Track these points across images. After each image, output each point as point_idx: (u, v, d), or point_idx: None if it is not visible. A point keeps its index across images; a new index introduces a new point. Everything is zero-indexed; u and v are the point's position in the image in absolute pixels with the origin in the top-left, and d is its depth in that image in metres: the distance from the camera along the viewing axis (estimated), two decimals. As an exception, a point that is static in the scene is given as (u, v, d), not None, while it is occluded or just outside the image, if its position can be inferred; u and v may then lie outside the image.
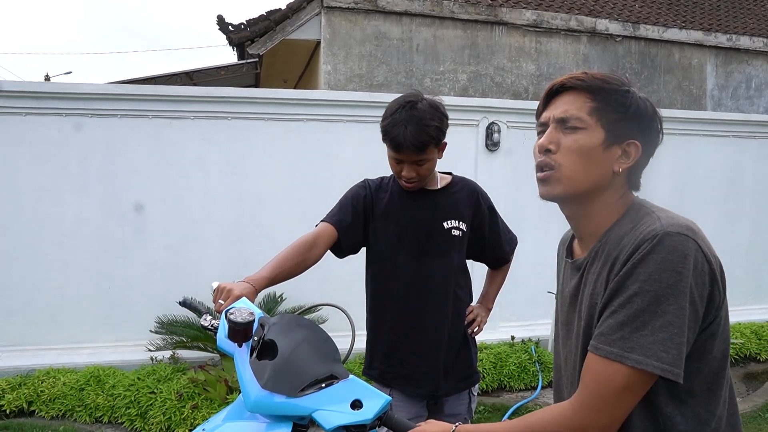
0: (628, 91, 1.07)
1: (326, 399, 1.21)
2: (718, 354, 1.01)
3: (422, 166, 1.80)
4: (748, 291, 5.27)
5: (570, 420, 0.99)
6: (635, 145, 1.07)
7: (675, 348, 0.92)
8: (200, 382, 3.44)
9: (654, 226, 0.98)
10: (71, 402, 3.47)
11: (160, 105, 3.99)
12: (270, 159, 4.18)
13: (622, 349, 0.94)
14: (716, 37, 8.38)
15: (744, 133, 5.20)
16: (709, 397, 1.02)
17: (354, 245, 1.92)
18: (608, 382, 0.95)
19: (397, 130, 1.73)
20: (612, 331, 0.96)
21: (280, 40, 6.96)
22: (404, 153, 1.75)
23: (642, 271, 0.95)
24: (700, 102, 8.41)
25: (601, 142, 1.06)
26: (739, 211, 5.24)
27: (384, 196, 1.93)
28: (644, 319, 0.93)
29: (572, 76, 1.09)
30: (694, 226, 1.00)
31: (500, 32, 7.56)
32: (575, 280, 1.14)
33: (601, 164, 1.06)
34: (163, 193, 4.04)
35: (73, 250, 3.94)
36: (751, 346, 4.58)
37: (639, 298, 0.94)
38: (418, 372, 1.88)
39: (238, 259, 4.09)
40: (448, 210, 1.90)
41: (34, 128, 3.85)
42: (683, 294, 0.93)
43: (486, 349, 4.21)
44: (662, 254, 0.94)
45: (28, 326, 3.91)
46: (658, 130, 1.10)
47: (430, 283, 1.87)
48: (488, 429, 1.09)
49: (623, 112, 1.06)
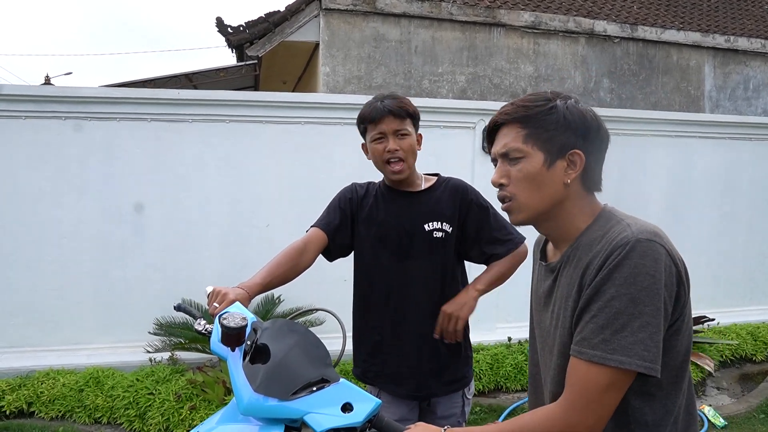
0: (553, 107, 1.12)
1: (317, 402, 1.23)
2: (681, 349, 1.08)
3: (404, 140, 1.84)
4: (744, 292, 5.30)
5: (560, 421, 1.03)
6: (577, 153, 1.12)
7: (654, 346, 0.99)
8: (198, 384, 3.47)
9: (625, 233, 1.04)
10: (70, 403, 3.50)
11: (159, 108, 4.02)
12: (268, 161, 4.21)
13: (604, 351, 1.00)
14: (714, 38, 8.41)
15: (740, 135, 5.22)
16: (674, 389, 1.09)
17: (343, 247, 1.96)
18: (594, 383, 1.01)
19: (373, 105, 1.85)
20: (594, 335, 1.01)
21: (278, 42, 6.99)
22: (384, 121, 1.81)
23: (618, 276, 1.00)
24: (698, 103, 8.43)
25: (542, 163, 1.12)
26: (735, 213, 5.26)
27: (369, 199, 1.96)
28: (623, 321, 0.99)
29: (501, 112, 1.18)
30: (661, 232, 1.06)
31: (498, 34, 7.59)
32: (549, 282, 1.20)
33: (550, 183, 1.13)
34: (161, 195, 4.07)
35: (73, 252, 3.97)
36: (747, 347, 4.59)
37: (617, 301, 1.00)
38: (400, 372, 1.90)
39: (237, 261, 4.12)
40: (430, 212, 1.90)
41: (34, 131, 3.87)
42: (657, 295, 0.99)
43: (482, 350, 4.23)
44: (635, 259, 1.00)
45: (27, 328, 3.94)
46: (598, 128, 1.14)
47: (412, 285, 1.89)
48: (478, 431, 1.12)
49: (554, 129, 1.12)
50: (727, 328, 4.87)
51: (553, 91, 1.17)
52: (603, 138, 1.15)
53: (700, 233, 5.15)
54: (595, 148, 1.14)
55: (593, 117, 1.14)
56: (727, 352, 4.50)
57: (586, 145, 1.12)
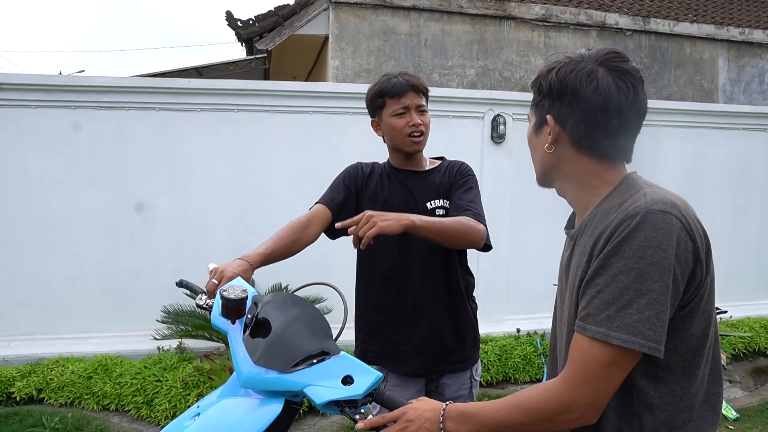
0: (550, 70, 1.10)
1: (317, 375, 1.22)
2: (697, 332, 1.02)
3: (425, 116, 1.88)
4: (758, 285, 5.22)
5: (558, 397, 1.00)
6: (548, 118, 1.10)
7: (660, 325, 0.94)
8: (205, 371, 3.47)
9: (638, 203, 0.98)
10: (79, 390, 3.53)
11: (168, 97, 4.03)
12: (276, 151, 4.21)
13: (608, 328, 0.95)
14: (728, 30, 8.28)
15: (754, 126, 5.14)
16: (685, 374, 1.03)
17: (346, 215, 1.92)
18: (595, 360, 0.96)
19: (393, 80, 1.86)
20: (598, 310, 0.97)
21: (288, 35, 6.99)
22: (408, 96, 1.84)
23: (627, 249, 0.95)
24: (711, 96, 8.32)
25: (532, 129, 1.17)
26: (749, 204, 5.18)
27: (374, 178, 1.97)
28: (629, 297, 0.94)
29: None
30: (681, 203, 1.00)
31: (509, 27, 7.54)
32: (569, 251, 1.17)
33: (538, 147, 1.16)
34: (170, 184, 4.08)
35: (82, 241, 3.99)
36: (761, 341, 4.53)
37: (624, 276, 0.95)
38: (401, 351, 1.89)
39: (245, 250, 4.07)
40: (432, 190, 1.91)
41: (44, 121, 3.90)
42: (668, 271, 0.93)
43: (491, 342, 4.20)
44: (646, 231, 0.94)
45: (38, 316, 3.97)
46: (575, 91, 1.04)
47: (415, 264, 1.88)
48: (478, 407, 1.09)
49: (537, 95, 1.14)
50: (740, 321, 4.80)
51: (579, 53, 1.10)
52: (583, 99, 1.04)
53: (713, 225, 5.07)
54: (572, 110, 1.05)
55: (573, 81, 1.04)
56: (740, 345, 4.44)
57: (561, 109, 1.07)
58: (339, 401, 1.20)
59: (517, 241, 4.51)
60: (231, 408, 1.31)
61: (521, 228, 4.54)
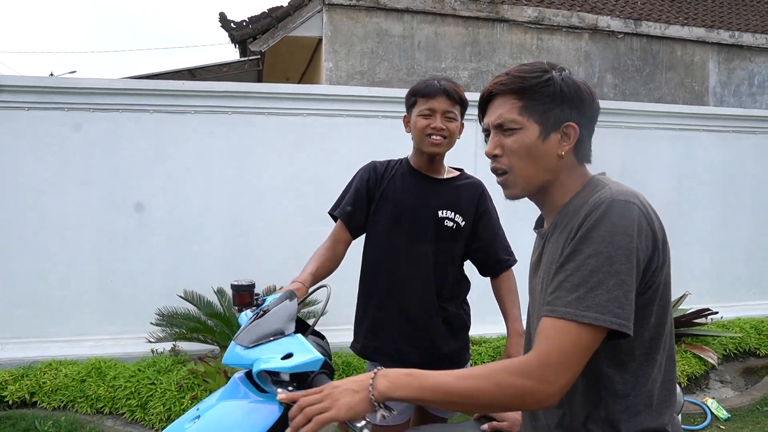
0: (550, 79, 1.12)
1: (267, 350, 1.31)
2: (655, 320, 1.06)
3: (451, 122, 1.88)
4: (748, 286, 5.27)
5: (535, 375, 0.98)
6: (571, 126, 1.12)
7: (628, 304, 0.98)
8: (200, 374, 3.47)
9: (603, 195, 1.05)
10: (73, 393, 3.51)
11: (161, 99, 4.02)
12: (270, 153, 4.21)
13: (577, 308, 0.98)
14: (718, 33, 8.37)
15: (744, 129, 5.19)
16: (647, 360, 1.07)
17: (361, 228, 2.03)
18: (568, 341, 0.97)
19: (430, 82, 1.88)
20: (567, 293, 1.00)
21: (281, 37, 6.99)
22: (437, 99, 1.84)
23: (595, 235, 1.00)
24: (702, 99, 8.39)
25: (537, 135, 1.12)
26: (739, 207, 5.23)
27: (387, 177, 2.00)
28: (598, 278, 0.98)
29: (496, 82, 1.16)
30: (641, 196, 1.07)
31: (502, 29, 7.58)
32: (539, 250, 1.21)
33: (545, 155, 1.13)
34: (164, 186, 4.07)
35: (76, 244, 3.98)
36: (751, 341, 4.57)
37: (593, 259, 0.99)
38: (400, 352, 1.93)
39: (239, 252, 4.12)
40: (446, 200, 1.94)
41: (37, 123, 3.88)
42: (633, 255, 0.99)
43: (485, 343, 4.22)
44: (613, 218, 1.00)
45: (31, 319, 3.94)
46: (591, 101, 1.15)
47: (419, 268, 1.92)
48: (429, 372, 1.05)
49: (550, 101, 1.11)
50: (731, 322, 4.84)
51: (549, 62, 1.16)
52: (595, 110, 1.16)
53: (704, 227, 5.13)
54: (587, 120, 1.15)
55: (587, 90, 1.15)
56: (731, 346, 4.48)
57: (579, 117, 1.13)
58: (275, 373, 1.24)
59: (510, 242, 4.52)
60: (230, 410, 1.34)
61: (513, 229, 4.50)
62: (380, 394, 1.02)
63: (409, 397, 1.03)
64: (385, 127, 4.21)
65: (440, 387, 1.02)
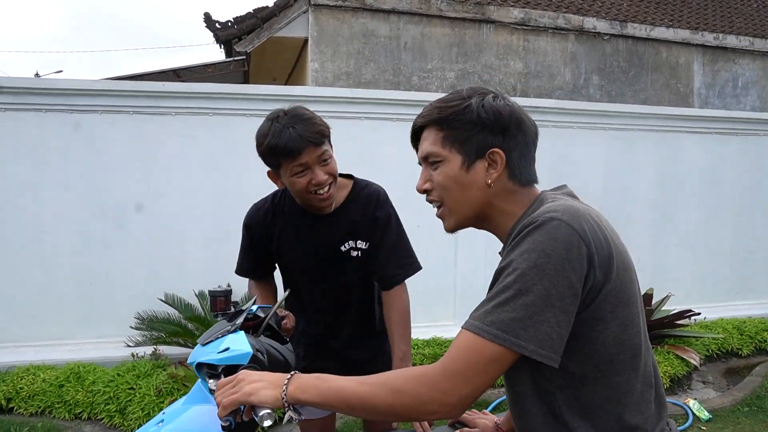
0: (467, 107, 1.09)
1: (213, 346, 1.36)
2: (608, 341, 1.01)
3: (329, 164, 1.67)
4: (731, 287, 5.31)
5: (436, 383, 0.97)
6: (497, 152, 1.09)
7: (533, 327, 0.93)
8: (179, 378, 3.43)
9: (534, 215, 1.02)
10: (50, 398, 3.46)
11: (141, 101, 3.98)
12: (251, 155, 4.09)
13: (482, 322, 0.96)
14: (703, 35, 8.44)
15: (727, 130, 5.23)
16: (603, 383, 1.03)
17: (271, 267, 2.00)
18: (475, 354, 0.96)
19: (285, 135, 1.60)
20: (481, 306, 1.00)
21: (267, 37, 6.96)
22: (305, 153, 1.60)
23: (515, 253, 0.98)
24: (687, 100, 8.45)
25: (460, 166, 1.10)
26: (722, 208, 5.27)
27: (278, 226, 1.88)
28: (508, 296, 0.96)
29: (420, 114, 1.15)
30: (581, 212, 1.01)
31: (488, 30, 7.59)
32: None
33: (473, 184, 1.11)
34: (144, 189, 4.02)
35: (54, 246, 3.92)
36: (733, 342, 4.60)
37: (510, 277, 0.97)
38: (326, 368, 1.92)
39: (220, 255, 4.07)
40: (345, 230, 1.79)
41: (14, 124, 3.82)
42: (549, 276, 0.94)
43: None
44: (535, 236, 0.97)
45: (8, 323, 3.88)
46: (519, 123, 1.10)
47: (335, 302, 1.89)
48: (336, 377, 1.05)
49: (469, 129, 1.09)
50: (714, 322, 4.87)
51: (470, 88, 1.13)
52: (526, 131, 1.11)
53: (687, 228, 5.15)
54: (517, 143, 1.10)
55: (511, 112, 1.10)
56: (714, 347, 4.51)
57: (506, 142, 1.09)
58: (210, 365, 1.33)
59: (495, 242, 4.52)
60: (200, 415, 1.38)
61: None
62: (290, 396, 1.04)
63: (315, 401, 1.04)
64: (368, 129, 4.19)
65: (341, 391, 1.02)
